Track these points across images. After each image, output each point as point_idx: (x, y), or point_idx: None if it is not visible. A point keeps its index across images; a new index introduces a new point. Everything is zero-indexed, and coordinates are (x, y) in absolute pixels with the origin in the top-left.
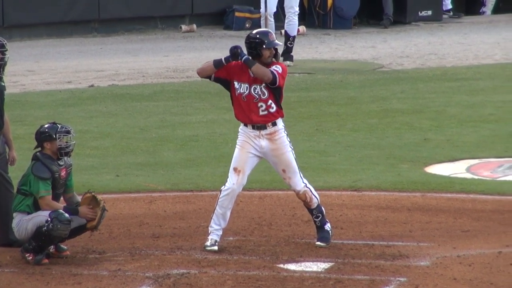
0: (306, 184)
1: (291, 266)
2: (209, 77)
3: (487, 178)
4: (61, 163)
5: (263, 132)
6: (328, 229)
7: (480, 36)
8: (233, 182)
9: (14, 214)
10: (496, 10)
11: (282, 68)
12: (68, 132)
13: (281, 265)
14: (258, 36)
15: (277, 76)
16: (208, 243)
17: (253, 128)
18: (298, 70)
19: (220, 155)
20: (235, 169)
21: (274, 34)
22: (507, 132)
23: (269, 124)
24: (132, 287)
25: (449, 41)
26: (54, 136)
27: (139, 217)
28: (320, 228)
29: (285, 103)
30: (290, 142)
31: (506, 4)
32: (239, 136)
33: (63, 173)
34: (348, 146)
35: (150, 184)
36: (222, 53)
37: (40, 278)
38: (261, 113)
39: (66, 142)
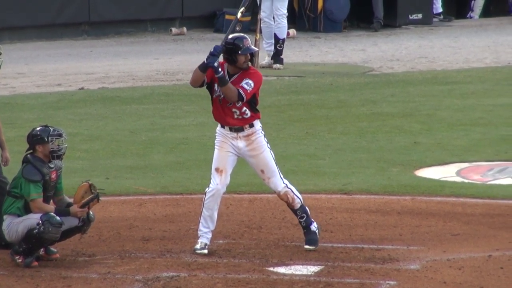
0: (287, 185)
1: (281, 269)
2: (202, 85)
3: (477, 182)
4: (51, 165)
5: (240, 134)
6: (315, 229)
7: (471, 40)
8: (217, 183)
9: (5, 217)
10: (485, 14)
11: (253, 82)
12: (60, 135)
13: (271, 268)
14: (233, 41)
15: (243, 95)
16: (198, 246)
17: (230, 130)
18: (288, 73)
19: (210, 158)
20: (217, 170)
21: (249, 40)
22: (497, 135)
23: (246, 126)
24: None
25: (440, 45)
26: (46, 139)
27: (129, 220)
28: (306, 228)
29: (276, 106)
30: (268, 142)
31: (496, 8)
32: (216, 137)
33: (53, 176)
34: (338, 150)
35: (140, 187)
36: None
37: (30, 280)
38: (235, 117)
39: (58, 145)
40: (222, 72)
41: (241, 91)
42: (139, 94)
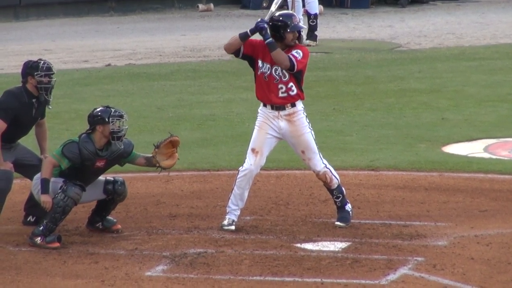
0: (326, 165)
1: (308, 246)
2: (237, 54)
3: (505, 158)
4: (102, 153)
5: (281, 113)
6: (349, 210)
7: (498, 16)
8: (251, 163)
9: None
10: None
11: (302, 53)
12: (121, 116)
13: (298, 245)
14: (281, 18)
15: (295, 62)
16: (225, 222)
17: (272, 108)
18: (316, 50)
19: (237, 135)
20: (253, 150)
21: (297, 17)
22: None
23: (288, 105)
24: (149, 267)
25: (467, 21)
26: (107, 119)
27: (156, 196)
28: (341, 208)
29: (304, 81)
30: (309, 123)
31: None
32: (258, 116)
33: (99, 164)
34: (365, 126)
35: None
36: (239, 32)
37: (57, 257)
38: (280, 94)
39: (119, 127)
40: (269, 36)
41: (291, 57)
42: (166, 71)
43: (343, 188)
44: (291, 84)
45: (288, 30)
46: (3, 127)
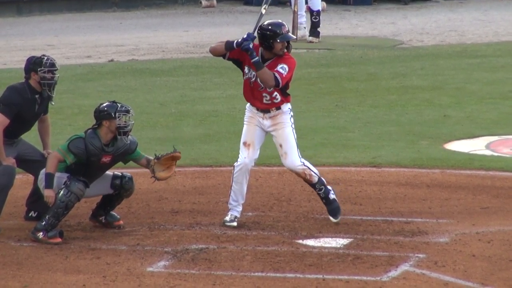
0: (304, 163)
1: (310, 242)
2: (223, 57)
3: (507, 155)
4: (108, 149)
5: (266, 115)
6: (333, 197)
7: (501, 13)
8: (244, 156)
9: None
10: None
11: (288, 67)
12: (127, 111)
13: (300, 241)
14: (270, 28)
15: (280, 80)
16: (227, 218)
17: (257, 110)
18: (318, 46)
19: (240, 131)
20: (244, 144)
21: (287, 27)
22: None
23: (273, 108)
24: (151, 262)
25: (469, 18)
26: (113, 115)
27: (158, 192)
28: (326, 199)
29: (306, 78)
30: (293, 123)
31: None
32: (246, 112)
33: (105, 159)
34: (367, 122)
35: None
36: (242, 29)
37: (59, 252)
38: (265, 101)
39: (125, 122)
40: (257, 57)
41: (277, 75)
42: (169, 67)
43: (323, 179)
44: (275, 93)
45: (278, 40)
46: (6, 123)
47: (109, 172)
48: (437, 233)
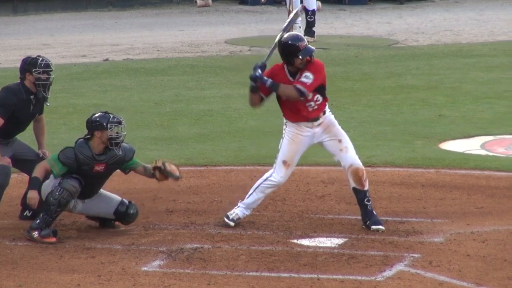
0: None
1: (305, 242)
2: (262, 100)
3: (502, 155)
4: (101, 158)
5: (315, 123)
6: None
7: (496, 13)
8: (281, 175)
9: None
10: None
11: (313, 74)
12: (119, 122)
13: (295, 241)
14: (290, 42)
15: (304, 90)
16: (229, 215)
17: (308, 121)
18: (313, 45)
19: (235, 130)
20: (284, 162)
21: (305, 40)
22: None
23: (321, 114)
24: (146, 261)
25: (465, 18)
26: (105, 125)
27: (153, 191)
28: (371, 212)
29: None
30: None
31: None
32: (288, 128)
33: (98, 168)
34: (362, 122)
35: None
36: (238, 28)
37: (54, 251)
38: (310, 110)
39: (117, 133)
40: (268, 80)
41: (299, 86)
42: (164, 66)
43: None
44: (317, 96)
45: (299, 56)
46: (0, 123)
47: (117, 197)
48: (431, 233)
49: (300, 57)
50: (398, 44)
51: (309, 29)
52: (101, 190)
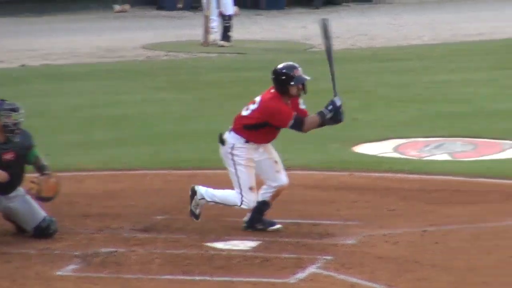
0: None
1: (219, 245)
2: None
3: (414, 158)
4: (7, 146)
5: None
6: None
7: (411, 17)
8: (253, 200)
9: None
10: None
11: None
12: (13, 109)
13: (209, 244)
14: (284, 71)
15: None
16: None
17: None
18: (230, 50)
19: (151, 135)
20: (251, 188)
21: (300, 69)
22: (434, 112)
23: None
24: (60, 266)
25: (380, 22)
26: None
27: (68, 196)
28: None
29: (217, 82)
30: None
31: None
32: (238, 154)
33: (8, 156)
34: None
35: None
36: (155, 33)
37: None
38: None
39: (15, 120)
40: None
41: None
42: (82, 71)
43: None
44: None
45: (292, 84)
46: None
47: (43, 212)
48: (344, 235)
49: (293, 84)
50: (314, 48)
51: (225, 34)
52: (31, 201)
